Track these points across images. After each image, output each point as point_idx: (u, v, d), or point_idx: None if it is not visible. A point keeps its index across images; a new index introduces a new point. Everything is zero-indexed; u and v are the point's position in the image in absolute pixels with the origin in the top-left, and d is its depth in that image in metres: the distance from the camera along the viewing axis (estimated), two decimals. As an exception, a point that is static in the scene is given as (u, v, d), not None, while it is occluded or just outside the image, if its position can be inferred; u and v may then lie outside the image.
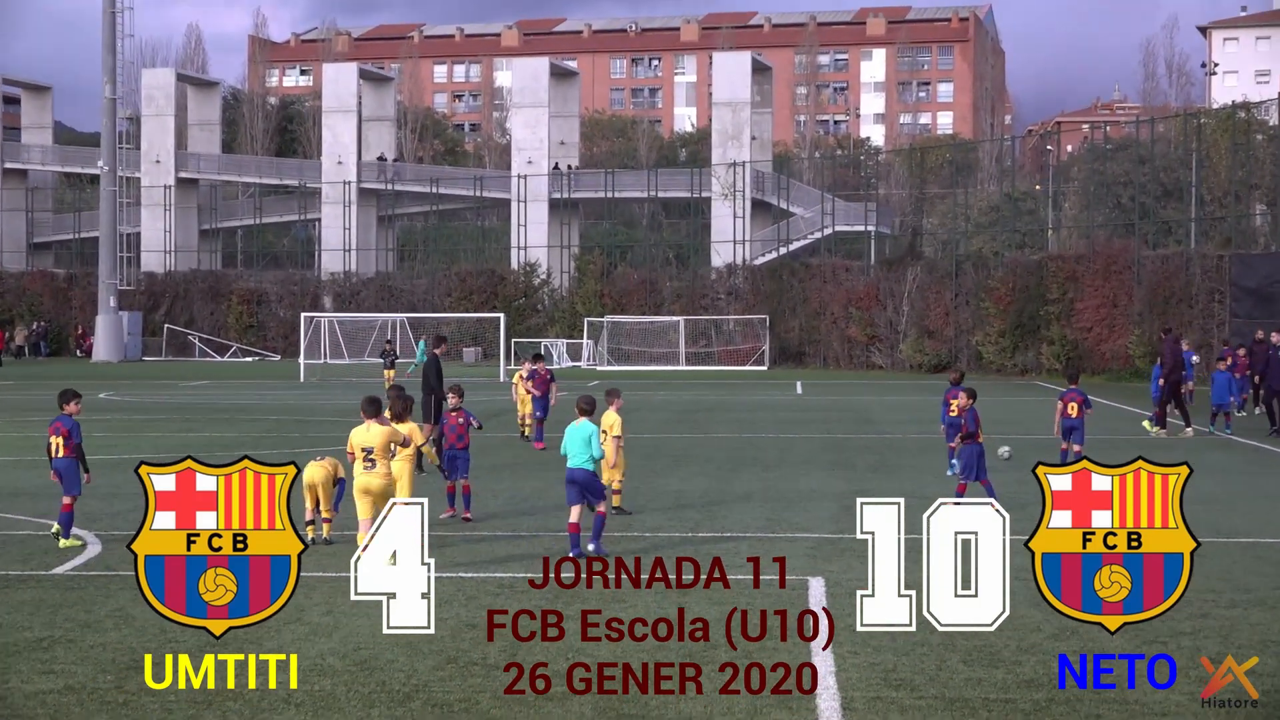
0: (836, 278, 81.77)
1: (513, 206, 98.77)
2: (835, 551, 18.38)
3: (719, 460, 30.03)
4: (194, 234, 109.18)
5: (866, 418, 43.95)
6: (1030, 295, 72.03)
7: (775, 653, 12.91)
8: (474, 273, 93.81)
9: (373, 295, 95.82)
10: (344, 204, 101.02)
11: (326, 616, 14.46)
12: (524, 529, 20.45)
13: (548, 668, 12.35)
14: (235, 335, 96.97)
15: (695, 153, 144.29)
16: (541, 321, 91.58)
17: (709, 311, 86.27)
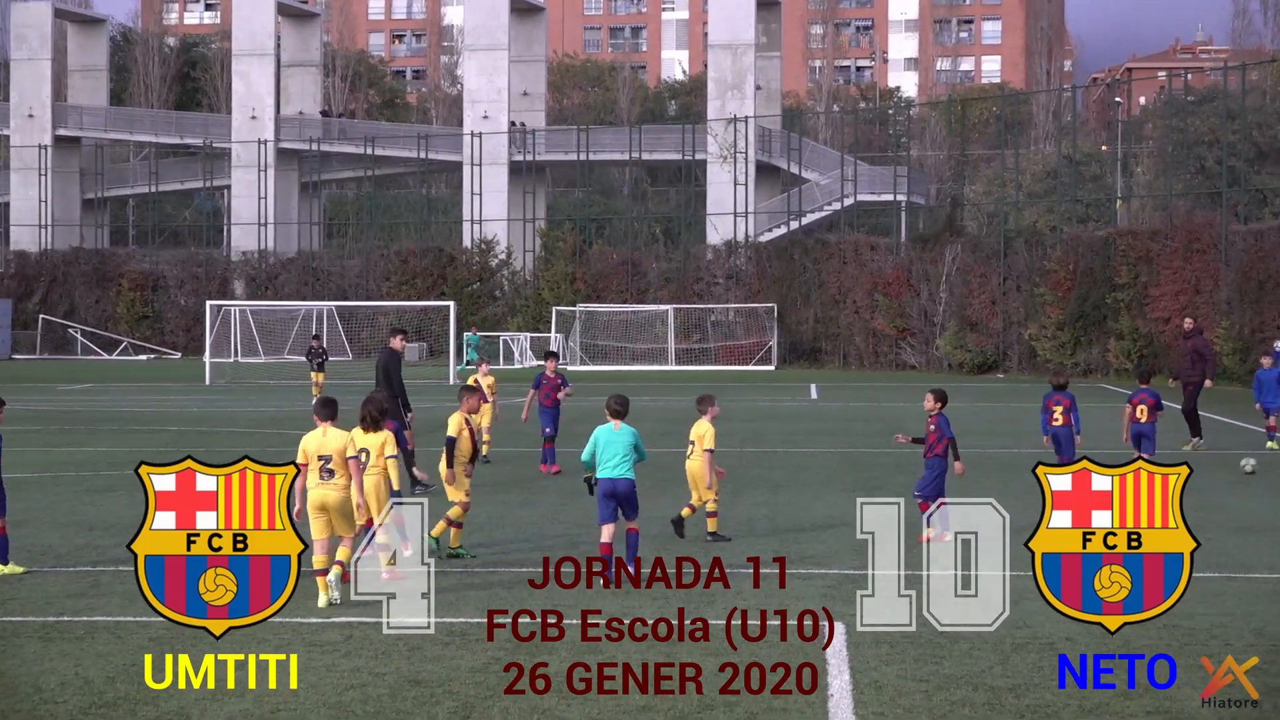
0: (859, 258, 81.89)
1: (465, 171, 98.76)
2: (857, 591, 18.38)
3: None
4: (75, 205, 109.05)
5: (897, 428, 43.95)
6: (1095, 279, 72.20)
7: (784, 716, 12.89)
8: (418, 252, 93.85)
9: (294, 280, 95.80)
10: (259, 168, 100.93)
11: (238, 672, 14.42)
12: (478, 564, 20.43)
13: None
14: (126, 328, 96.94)
15: (687, 106, 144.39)
16: (500, 311, 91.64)
17: (704, 299, 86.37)
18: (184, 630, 16.01)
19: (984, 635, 15.93)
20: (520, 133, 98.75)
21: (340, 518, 18.24)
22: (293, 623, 16.61)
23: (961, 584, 12.87)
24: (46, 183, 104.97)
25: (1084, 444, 35.35)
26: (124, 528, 22.71)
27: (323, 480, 18.26)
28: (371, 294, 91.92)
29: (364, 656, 14.99)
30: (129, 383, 66.25)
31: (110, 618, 16.89)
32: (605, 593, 18.17)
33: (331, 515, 18.23)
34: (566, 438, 40.72)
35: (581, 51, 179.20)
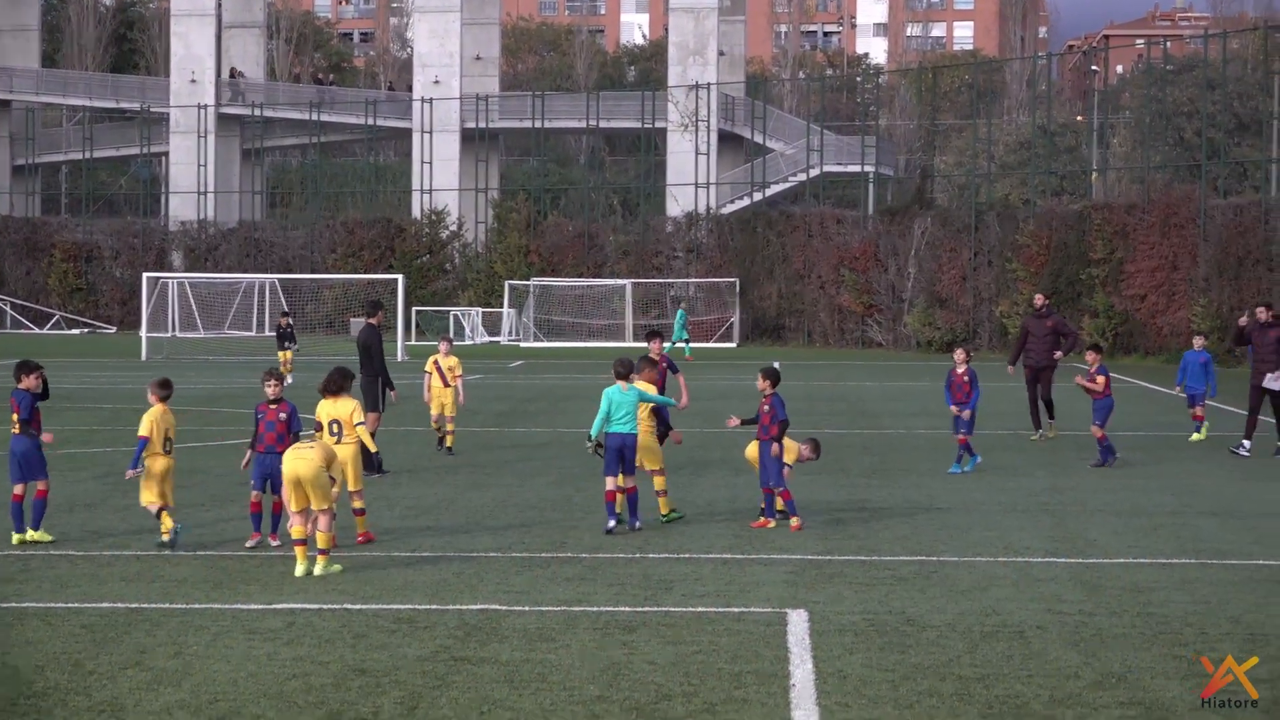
0: (825, 231, 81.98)
1: (414, 139, 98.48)
2: (821, 578, 18.44)
3: (675, 462, 30.04)
4: (5, 171, 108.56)
5: (862, 409, 44.08)
6: (1069, 254, 72.44)
7: (745, 706, 12.93)
8: (365, 223, 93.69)
9: (235, 251, 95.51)
10: (199, 134, 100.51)
11: (174, 660, 14.41)
12: (426, 549, 20.43)
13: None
14: (58, 301, 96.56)
15: (647, 71, 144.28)
16: (451, 285, 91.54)
17: (664, 273, 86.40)
18: (116, 616, 16.02)
19: (951, 623, 15.97)
20: (472, 99, 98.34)
21: (315, 489, 18.49)
22: (232, 609, 16.59)
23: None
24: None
25: (1059, 425, 35.51)
26: (55, 509, 22.63)
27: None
28: (316, 266, 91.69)
29: (307, 644, 14.97)
30: (62, 358, 65.97)
31: (40, 604, 16.83)
32: (559, 579, 18.20)
33: (306, 486, 18.66)
34: (521, 416, 40.75)
35: (537, 14, 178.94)
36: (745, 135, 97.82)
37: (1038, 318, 35.45)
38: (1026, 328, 35.57)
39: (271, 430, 20.31)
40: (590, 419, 23.01)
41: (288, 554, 19.05)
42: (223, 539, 21.06)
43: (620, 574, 18.63)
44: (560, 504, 24.56)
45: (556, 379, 55.99)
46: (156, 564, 19.17)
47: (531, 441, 34.45)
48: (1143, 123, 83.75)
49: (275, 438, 20.19)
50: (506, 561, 19.43)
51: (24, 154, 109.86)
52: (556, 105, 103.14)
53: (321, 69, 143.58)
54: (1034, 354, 34.92)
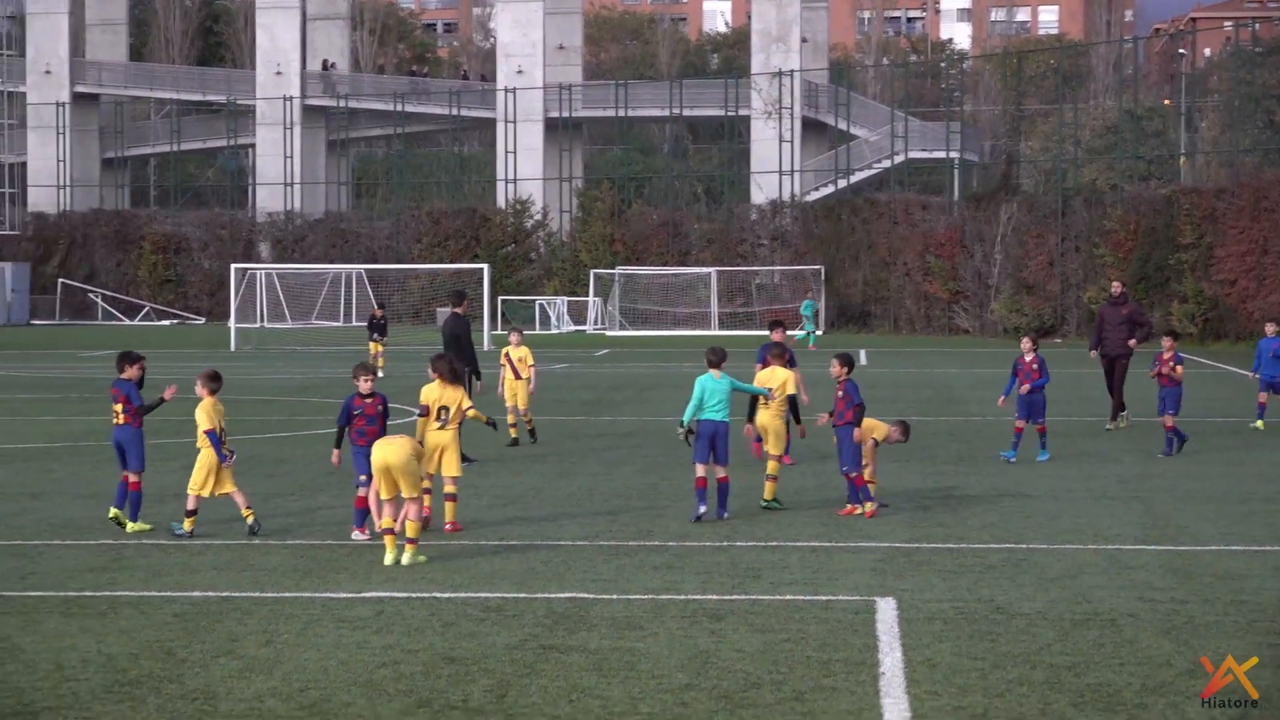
0: (910, 218, 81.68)
1: (499, 129, 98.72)
2: (910, 566, 18.37)
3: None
4: (95, 164, 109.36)
5: (949, 396, 43.91)
6: (1157, 240, 71.91)
7: (833, 695, 12.89)
8: (450, 213, 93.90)
9: (321, 242, 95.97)
10: (284, 126, 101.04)
11: (265, 648, 14.48)
12: (514, 537, 20.46)
13: (545, 715, 12.35)
14: (148, 293, 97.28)
15: (730, 60, 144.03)
16: (536, 274, 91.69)
17: (748, 261, 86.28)
18: (207, 605, 16.13)
19: (1041, 611, 15.87)
20: (557, 88, 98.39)
21: (404, 477, 18.55)
22: (322, 598, 16.66)
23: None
24: (65, 141, 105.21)
25: (1149, 411, 35.25)
26: (146, 499, 22.79)
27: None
28: (402, 256, 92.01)
29: (396, 633, 15.01)
30: (151, 349, 66.31)
31: (133, 592, 16.95)
32: (646, 567, 18.21)
33: (396, 475, 18.71)
34: (607, 405, 40.76)
35: (619, 3, 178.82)
36: (829, 122, 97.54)
37: (1113, 305, 34.69)
38: (1102, 315, 34.79)
39: (373, 424, 20.29)
40: (676, 407, 23.03)
41: (376, 543, 19.12)
42: (311, 528, 21.15)
43: (708, 562, 18.60)
44: (647, 492, 24.55)
45: (642, 367, 55.99)
46: (247, 553, 19.29)
47: (617, 430, 34.46)
48: (1231, 106, 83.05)
49: (377, 431, 20.16)
50: (594, 550, 19.44)
51: (113, 147, 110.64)
52: (640, 94, 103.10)
53: (406, 60, 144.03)
54: (1109, 342, 34.17)
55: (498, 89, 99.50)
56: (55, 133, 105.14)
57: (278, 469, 27.40)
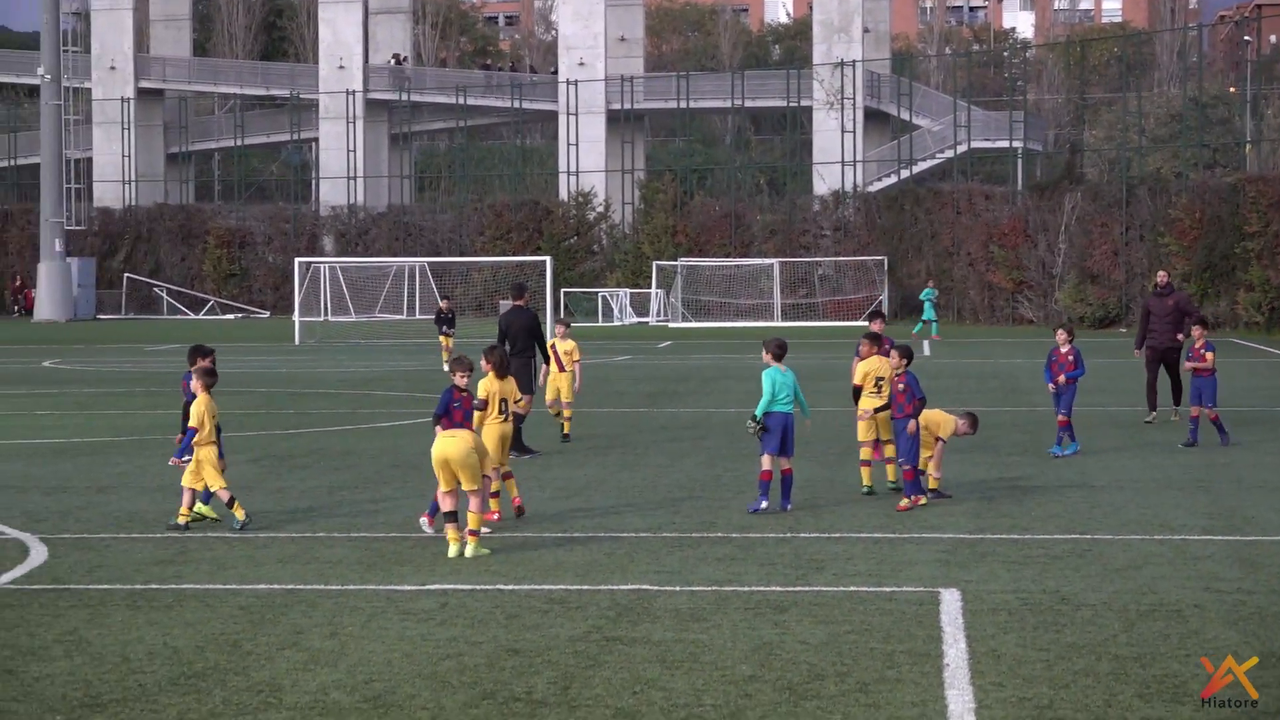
0: (974, 208, 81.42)
1: (561, 121, 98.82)
2: (974, 557, 18.32)
3: (824, 441, 29.96)
4: (159, 159, 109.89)
5: (1013, 386, 43.77)
6: (1223, 228, 71.49)
7: (898, 686, 12.87)
8: (512, 205, 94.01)
9: (385, 235, 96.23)
10: (347, 120, 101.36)
11: (330, 641, 14.54)
12: (577, 529, 20.48)
13: (609, 707, 12.36)
14: (213, 287, 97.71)
15: (792, 50, 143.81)
16: (598, 266, 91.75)
17: (811, 252, 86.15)
18: (272, 597, 16.21)
19: (1107, 602, 15.81)
20: (618, 80, 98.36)
21: (463, 469, 18.55)
22: (386, 590, 16.72)
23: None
24: (130, 137, 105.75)
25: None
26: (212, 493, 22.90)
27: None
28: (465, 249, 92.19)
29: (460, 625, 15.04)
30: (216, 343, 66.64)
31: (199, 586, 17.04)
32: (710, 559, 18.20)
33: (455, 467, 18.74)
34: (669, 396, 40.76)
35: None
36: (891, 112, 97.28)
37: (1159, 296, 33.62)
38: (1148, 308, 33.69)
39: (469, 419, 20.11)
40: (739, 399, 22.99)
41: (440, 536, 19.15)
42: (375, 521, 21.21)
43: (771, 554, 18.59)
44: (710, 484, 24.54)
45: (705, 359, 55.96)
46: (312, 546, 19.35)
47: (680, 422, 34.45)
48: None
49: (470, 427, 20.07)
50: (657, 541, 19.44)
51: (178, 142, 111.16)
52: (701, 85, 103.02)
53: (468, 53, 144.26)
54: (1157, 335, 33.06)
55: (560, 81, 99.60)
56: (120, 128, 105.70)
57: (342, 462, 27.50)
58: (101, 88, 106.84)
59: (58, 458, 28.20)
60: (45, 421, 35.06)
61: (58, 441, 30.74)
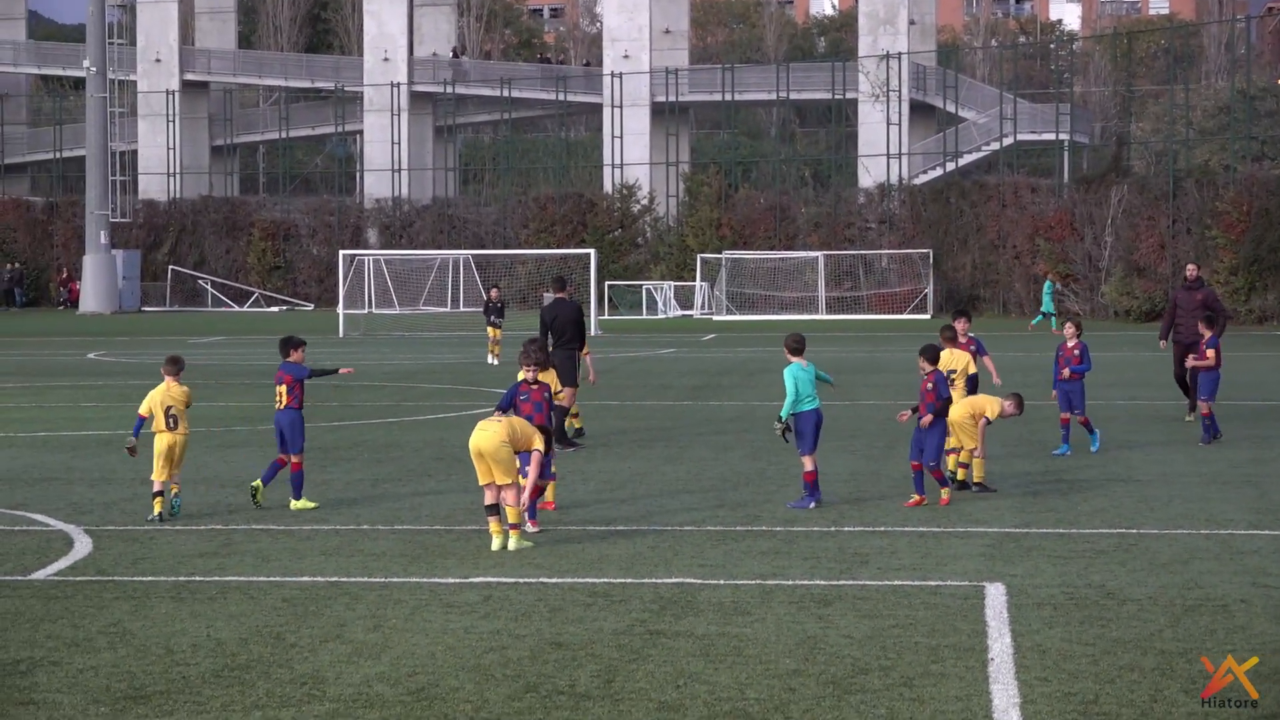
0: (1020, 200, 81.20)
1: (605, 113, 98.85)
2: (1019, 551, 18.27)
3: (868, 435, 29.95)
4: (204, 151, 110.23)
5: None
6: (1271, 221, 71.20)
7: (942, 680, 12.83)
8: (557, 198, 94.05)
9: (429, 227, 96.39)
10: (392, 112, 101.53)
11: (374, 633, 14.57)
12: (620, 522, 20.48)
13: (652, 700, 12.36)
14: (257, 279, 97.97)
15: (837, 42, 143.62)
16: (643, 259, 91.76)
17: (856, 245, 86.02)
18: (316, 590, 16.24)
19: (1153, 597, 15.76)
20: (663, 73, 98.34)
21: (497, 463, 18.51)
22: (430, 583, 16.74)
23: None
24: (174, 129, 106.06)
25: (1261, 395, 34.85)
26: (226, 486, 23.00)
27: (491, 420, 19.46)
28: (509, 242, 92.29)
29: (503, 618, 15.06)
30: (261, 335, 66.94)
31: (243, 578, 17.08)
32: (754, 553, 18.19)
33: (488, 460, 18.67)
34: (714, 390, 40.74)
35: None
36: (937, 105, 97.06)
37: (1188, 290, 33.07)
38: (1175, 301, 33.24)
39: (540, 411, 20.06)
40: (774, 393, 22.94)
41: (483, 528, 19.13)
42: (419, 514, 21.23)
43: (815, 547, 18.57)
44: (754, 477, 24.53)
45: (749, 352, 55.90)
46: (355, 538, 19.39)
47: (724, 415, 34.43)
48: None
49: (545, 419, 20.03)
50: (701, 535, 19.43)
51: (222, 134, 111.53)
52: (746, 78, 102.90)
53: (512, 45, 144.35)
54: (1183, 330, 32.23)
55: (604, 74, 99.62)
56: (165, 120, 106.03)
57: (386, 454, 27.56)
58: (146, 80, 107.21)
59: (102, 450, 28.31)
60: (90, 414, 35.19)
61: (102, 433, 30.86)
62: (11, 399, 39.08)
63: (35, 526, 20.44)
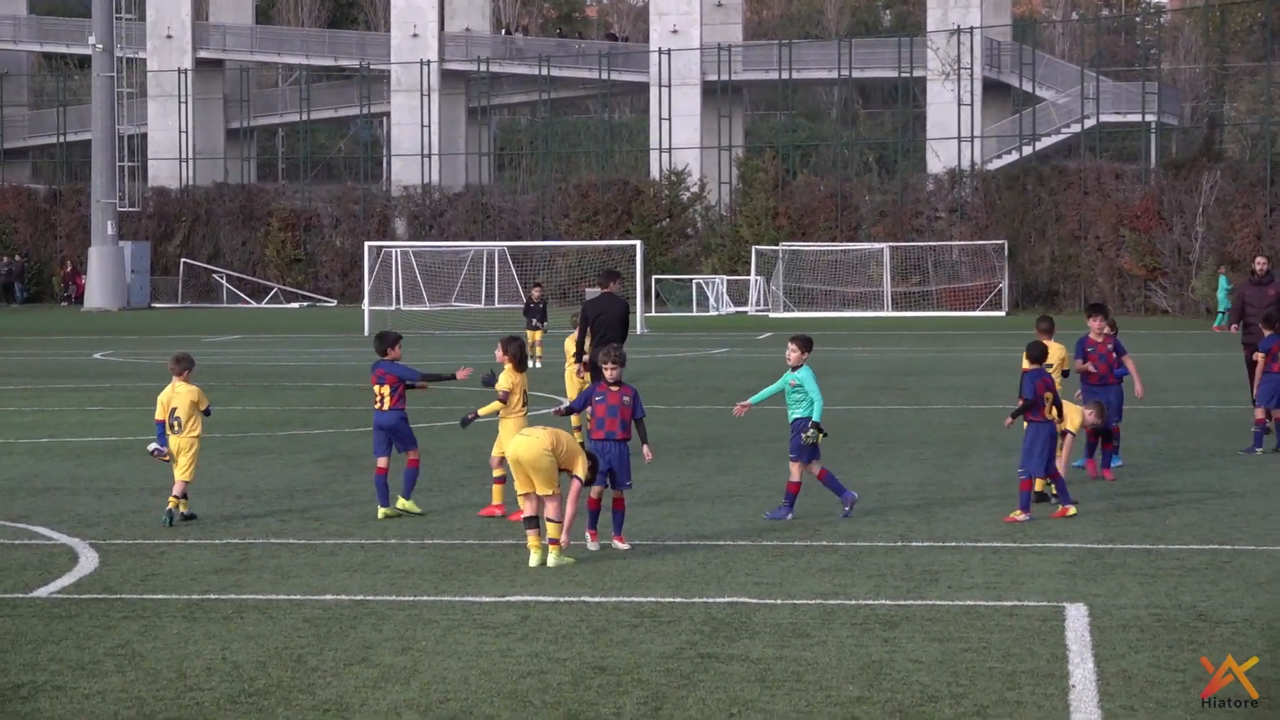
0: (1103, 187, 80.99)
1: (652, 94, 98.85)
2: (1102, 569, 18.22)
3: (938, 442, 29.89)
4: (219, 135, 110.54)
5: (1146, 382, 43.39)
6: (1377, 210, 70.87)
7: (1019, 709, 12.81)
8: (600, 185, 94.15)
9: (462, 217, 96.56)
10: (421, 92, 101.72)
11: (402, 656, 14.59)
12: (669, 536, 20.48)
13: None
14: (276, 273, 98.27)
15: (904, 16, 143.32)
16: (693, 251, 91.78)
17: (925, 235, 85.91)
18: (340, 609, 16.27)
19: (1249, 619, 15.69)
20: (715, 50, 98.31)
21: (538, 473, 18.50)
22: (463, 602, 16.75)
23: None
24: (187, 111, 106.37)
25: None
26: (275, 494, 23.04)
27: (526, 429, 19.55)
28: (548, 232, 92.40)
29: (542, 640, 15.07)
30: (280, 333, 67.13)
31: (261, 596, 17.12)
32: (814, 570, 18.16)
33: (528, 470, 18.69)
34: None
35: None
36: (1013, 83, 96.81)
37: (1257, 285, 31.93)
38: (1244, 297, 32.11)
39: (614, 415, 19.68)
40: (846, 395, 22.93)
41: (521, 542, 19.14)
42: (451, 527, 21.26)
43: (880, 564, 18.54)
44: (814, 487, 24.43)
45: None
46: (382, 554, 19.42)
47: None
48: None
49: (618, 424, 19.68)
50: (756, 550, 19.42)
51: (238, 117, 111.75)
52: (805, 54, 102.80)
53: (551, 20, 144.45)
54: (1253, 327, 30.85)
55: (651, 50, 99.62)
56: (177, 102, 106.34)
57: (415, 463, 27.55)
58: (157, 58, 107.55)
59: (110, 457, 28.42)
60: (96, 418, 35.32)
61: (110, 440, 30.98)
62: (12, 402, 39.24)
63: (37, 540, 20.51)
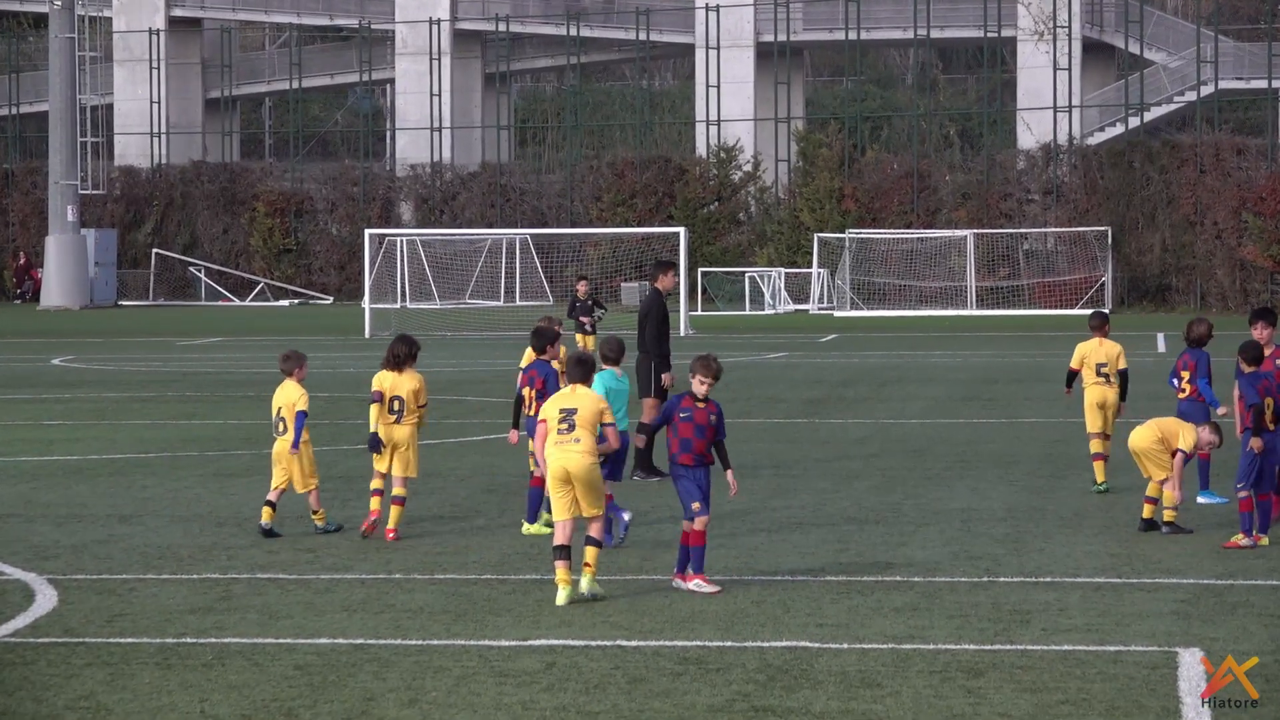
0: (1222, 166, 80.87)
1: (698, 57, 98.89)
2: (1221, 608, 18.20)
3: (1030, 461, 29.86)
4: (196, 107, 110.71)
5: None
6: None
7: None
8: (637, 163, 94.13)
9: (478, 201, 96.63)
10: (431, 56, 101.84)
11: (409, 709, 14.63)
12: (718, 570, 20.49)
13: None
14: (262, 266, 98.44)
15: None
16: (745, 239, 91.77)
17: (1014, 221, 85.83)
18: (337, 655, 16.32)
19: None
20: (770, 5, 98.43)
21: (587, 489, 18.65)
22: (479, 646, 16.78)
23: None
24: (159, 78, 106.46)
25: None
26: (290, 516, 23.08)
27: (564, 439, 19.01)
28: (577, 218, 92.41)
29: (571, 690, 15.08)
30: (267, 336, 67.25)
31: (246, 639, 17.16)
32: (885, 610, 18.16)
33: (576, 486, 18.71)
34: (835, 404, 40.70)
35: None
36: (1118, 44, 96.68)
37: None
38: None
39: (702, 436, 19.56)
40: (921, 406, 22.84)
41: (547, 576, 19.13)
42: (465, 560, 21.28)
43: (963, 603, 18.54)
44: (887, 514, 24.48)
45: (879, 357, 55.82)
46: (385, 590, 19.45)
47: (848, 435, 34.40)
48: None
49: (705, 445, 19.63)
50: (819, 587, 19.43)
51: (219, 85, 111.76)
52: (876, 11, 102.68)
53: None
54: None
55: (697, 7, 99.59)
56: (147, 67, 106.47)
57: (425, 485, 27.52)
58: (124, 17, 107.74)
59: (71, 479, 28.47)
60: (55, 434, 35.41)
61: (71, 459, 31.05)
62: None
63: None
